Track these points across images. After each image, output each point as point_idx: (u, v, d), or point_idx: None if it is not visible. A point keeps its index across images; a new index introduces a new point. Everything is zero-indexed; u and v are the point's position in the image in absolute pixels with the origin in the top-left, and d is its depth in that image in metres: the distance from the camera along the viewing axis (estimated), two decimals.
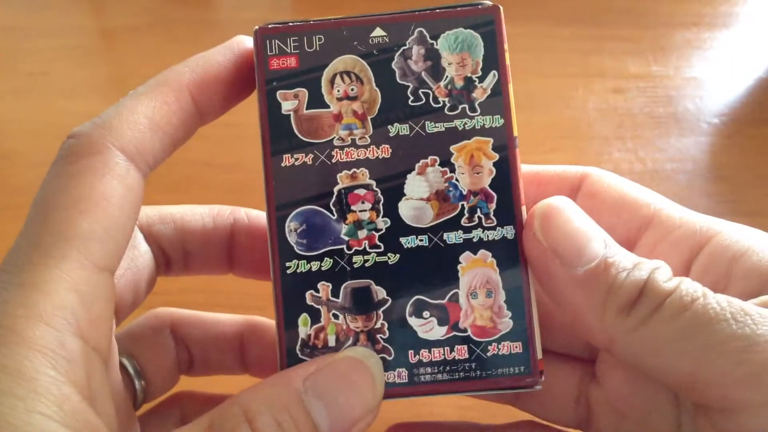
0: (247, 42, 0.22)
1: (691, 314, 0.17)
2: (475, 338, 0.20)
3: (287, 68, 0.21)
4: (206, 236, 0.25)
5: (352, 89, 0.21)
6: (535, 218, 0.20)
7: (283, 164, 0.20)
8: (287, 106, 0.21)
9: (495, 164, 0.21)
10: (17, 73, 0.52)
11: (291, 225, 0.20)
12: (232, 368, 0.27)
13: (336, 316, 0.20)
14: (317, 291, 0.20)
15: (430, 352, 0.20)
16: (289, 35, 0.21)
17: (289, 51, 0.21)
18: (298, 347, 0.20)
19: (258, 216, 0.26)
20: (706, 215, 0.22)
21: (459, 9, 0.21)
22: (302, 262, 0.20)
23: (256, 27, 0.21)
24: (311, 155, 0.20)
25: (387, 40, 0.21)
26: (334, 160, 0.20)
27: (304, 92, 0.21)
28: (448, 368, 0.20)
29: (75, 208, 0.18)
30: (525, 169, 0.23)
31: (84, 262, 0.17)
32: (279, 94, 0.21)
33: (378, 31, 0.21)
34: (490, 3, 0.21)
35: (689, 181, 0.43)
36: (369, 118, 0.21)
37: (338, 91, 0.21)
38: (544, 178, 0.24)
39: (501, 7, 0.21)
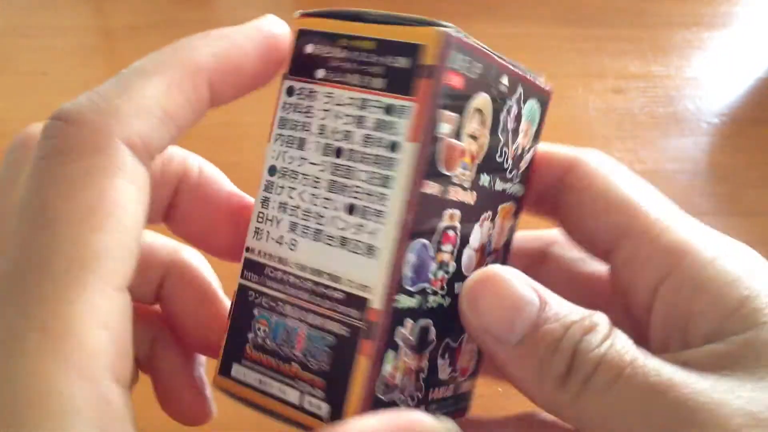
0: (279, 29, 0.19)
1: (619, 389, 0.17)
2: (459, 378, 0.21)
3: (455, 87, 0.18)
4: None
5: (477, 129, 0.19)
6: (464, 297, 0.19)
7: (422, 189, 0.18)
8: (443, 129, 0.18)
9: (509, 228, 0.22)
10: (17, 73, 0.52)
11: (409, 256, 0.18)
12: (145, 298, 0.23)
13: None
14: (404, 327, 0.18)
15: (439, 390, 0.20)
16: (466, 53, 0.18)
17: (459, 69, 0.18)
18: (380, 388, 0.18)
19: (212, 175, 0.21)
20: (689, 222, 0.20)
21: (535, 80, 0.21)
22: (407, 297, 0.18)
23: (447, 30, 0.17)
24: (438, 186, 0.18)
25: (505, 91, 0.20)
26: (448, 196, 0.19)
27: (457, 118, 0.18)
28: (441, 404, 0.21)
29: (86, 222, 0.15)
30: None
31: (104, 288, 0.15)
32: (442, 113, 0.18)
33: (504, 79, 0.19)
34: (549, 86, 0.22)
35: (689, 181, 0.43)
36: (476, 162, 0.19)
37: (471, 126, 0.19)
38: (540, 156, 0.23)
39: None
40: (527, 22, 0.52)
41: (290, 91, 0.19)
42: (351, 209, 0.18)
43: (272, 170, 0.19)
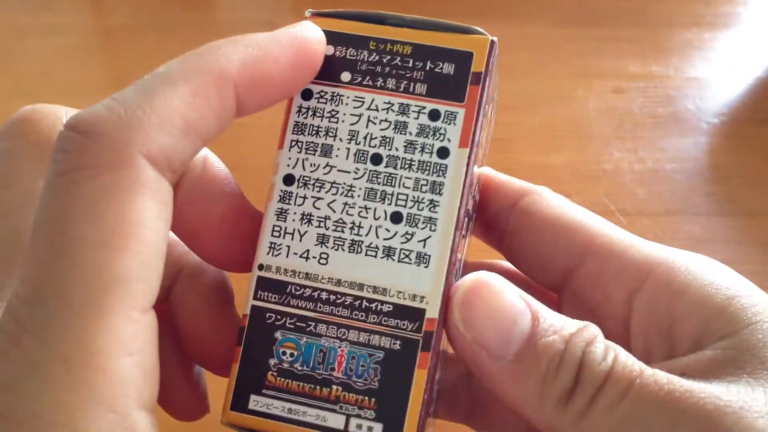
0: (313, 35, 0.17)
1: (630, 403, 0.16)
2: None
3: (490, 95, 0.18)
4: None
5: (484, 138, 0.19)
6: (456, 309, 0.17)
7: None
8: (480, 136, 0.18)
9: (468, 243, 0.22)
10: (17, 73, 0.52)
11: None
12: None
13: None
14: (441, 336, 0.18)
15: (437, 403, 0.20)
16: (496, 62, 0.18)
17: (493, 78, 0.18)
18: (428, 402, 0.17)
19: (217, 174, 0.19)
20: (650, 242, 0.20)
21: None
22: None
23: (493, 38, 0.18)
24: (469, 194, 0.18)
25: (494, 104, 0.19)
26: (467, 204, 0.18)
27: (484, 125, 0.18)
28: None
29: (107, 244, 0.14)
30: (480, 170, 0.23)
31: (128, 312, 0.14)
32: (483, 119, 0.18)
33: (496, 93, 0.19)
34: None
35: (689, 181, 0.43)
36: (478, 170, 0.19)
37: (483, 135, 0.18)
38: (490, 185, 0.22)
39: None
40: (527, 22, 0.52)
41: (307, 95, 0.18)
42: (396, 218, 0.17)
43: (289, 179, 0.18)
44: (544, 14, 0.53)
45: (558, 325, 0.17)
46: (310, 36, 0.17)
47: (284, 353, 0.17)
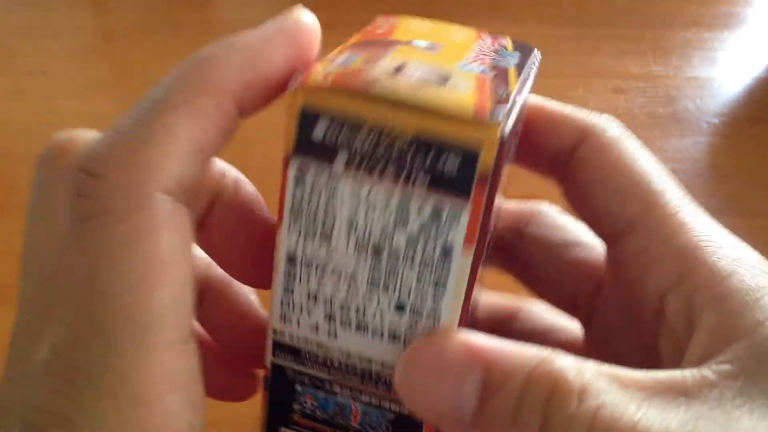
0: (305, 23, 0.17)
1: None
2: None
3: (504, 175, 0.18)
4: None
5: (499, 200, 0.18)
6: (399, 388, 0.16)
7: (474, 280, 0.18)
8: (492, 223, 0.17)
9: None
10: (17, 73, 0.52)
11: None
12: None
13: None
14: None
15: None
16: (513, 136, 0.17)
17: (507, 156, 0.17)
18: None
19: (248, 199, 0.19)
20: (702, 221, 0.19)
21: None
22: None
23: (503, 128, 0.15)
24: (480, 270, 0.18)
25: (511, 156, 0.19)
26: (481, 278, 0.19)
27: (498, 202, 0.18)
28: None
29: (138, 288, 0.14)
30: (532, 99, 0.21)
31: (170, 345, 0.15)
32: (493, 209, 0.17)
33: (514, 145, 0.19)
34: None
35: (689, 181, 0.43)
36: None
37: (499, 200, 0.18)
38: (545, 119, 0.21)
39: None
40: (527, 22, 0.52)
41: (301, 172, 0.16)
42: (400, 307, 0.17)
43: (292, 260, 0.17)
44: (544, 14, 0.53)
45: (510, 368, 0.15)
46: (301, 27, 0.17)
47: (305, 402, 0.18)
